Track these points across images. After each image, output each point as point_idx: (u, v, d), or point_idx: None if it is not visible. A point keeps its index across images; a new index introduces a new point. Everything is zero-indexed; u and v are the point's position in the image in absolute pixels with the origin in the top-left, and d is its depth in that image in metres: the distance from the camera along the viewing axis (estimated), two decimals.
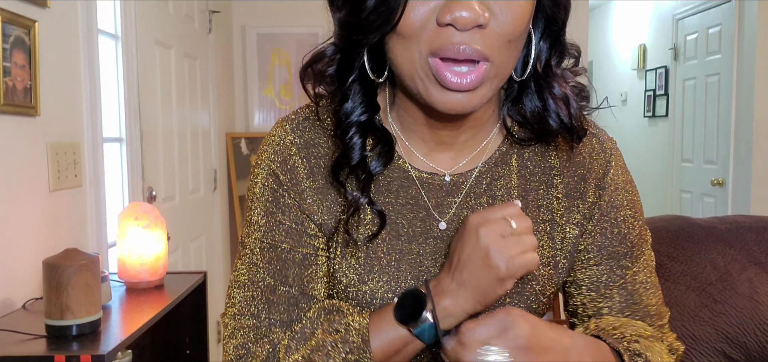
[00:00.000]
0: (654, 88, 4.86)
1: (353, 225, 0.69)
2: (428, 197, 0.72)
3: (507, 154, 0.73)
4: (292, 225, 0.71)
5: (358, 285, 0.71)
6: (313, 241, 0.72)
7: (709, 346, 1.37)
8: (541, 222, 0.73)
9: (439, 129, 0.70)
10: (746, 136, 3.60)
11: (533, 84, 0.69)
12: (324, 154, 0.72)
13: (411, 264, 0.71)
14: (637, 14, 5.22)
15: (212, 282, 3.16)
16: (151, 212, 1.75)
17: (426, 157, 0.72)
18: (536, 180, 0.73)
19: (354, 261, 0.71)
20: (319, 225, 0.72)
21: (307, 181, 0.71)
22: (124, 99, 2.18)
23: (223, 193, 3.40)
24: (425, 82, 0.62)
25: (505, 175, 0.73)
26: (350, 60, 0.67)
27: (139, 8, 2.27)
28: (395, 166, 0.72)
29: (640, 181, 4.04)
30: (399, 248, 0.71)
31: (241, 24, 3.63)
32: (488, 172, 0.73)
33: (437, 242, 0.72)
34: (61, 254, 1.32)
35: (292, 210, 0.71)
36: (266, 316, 0.70)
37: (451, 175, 0.72)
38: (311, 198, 0.71)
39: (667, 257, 1.47)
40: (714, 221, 1.58)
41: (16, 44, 1.49)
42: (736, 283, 1.43)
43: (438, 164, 0.72)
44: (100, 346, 1.24)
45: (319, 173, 0.71)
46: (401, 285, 0.70)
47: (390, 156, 0.70)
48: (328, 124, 0.72)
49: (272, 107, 3.67)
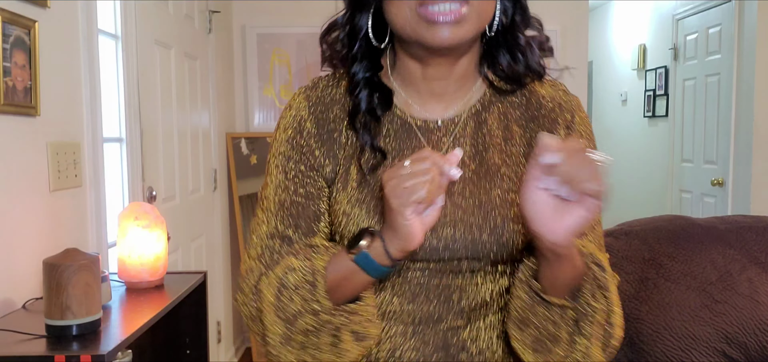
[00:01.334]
0: (654, 88, 4.86)
1: (362, 161, 0.83)
2: (424, 139, 0.85)
3: (489, 104, 0.87)
4: (303, 180, 0.85)
5: (358, 222, 0.81)
6: (321, 194, 0.85)
7: (709, 346, 1.37)
8: (521, 158, 0.85)
9: (431, 81, 0.85)
10: (746, 136, 3.60)
11: (503, 41, 0.85)
12: (332, 112, 0.86)
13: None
14: (637, 14, 5.22)
15: (212, 282, 3.16)
16: (151, 212, 1.75)
17: (421, 107, 0.86)
18: (515, 125, 0.87)
19: (356, 195, 0.82)
20: (326, 178, 0.85)
21: (316, 140, 0.85)
22: (124, 99, 2.18)
23: (223, 193, 3.40)
24: (415, 27, 0.77)
25: (487, 121, 0.86)
26: (357, 27, 0.83)
27: (139, 8, 2.27)
28: (396, 117, 0.86)
29: (640, 180, 4.09)
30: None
31: (241, 24, 3.64)
32: (473, 118, 0.86)
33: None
34: (62, 254, 1.32)
35: (303, 169, 0.85)
36: (278, 257, 0.83)
37: (443, 121, 0.86)
38: (319, 153, 0.85)
39: (668, 257, 1.47)
40: (714, 221, 1.58)
41: (16, 44, 1.49)
42: (736, 283, 1.43)
43: (431, 113, 0.86)
44: (100, 346, 1.24)
45: (324, 130, 0.86)
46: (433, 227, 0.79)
47: (389, 104, 0.85)
48: (344, 86, 0.88)
49: (272, 107, 3.67)
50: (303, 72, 3.66)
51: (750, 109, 3.56)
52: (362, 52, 0.84)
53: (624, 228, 1.58)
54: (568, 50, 3.68)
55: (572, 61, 3.69)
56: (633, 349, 1.39)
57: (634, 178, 5.27)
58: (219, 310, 3.27)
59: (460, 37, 0.77)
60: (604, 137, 5.89)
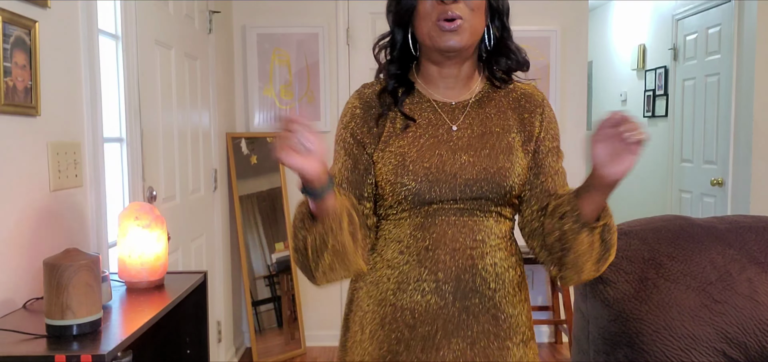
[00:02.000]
0: (653, 88, 4.86)
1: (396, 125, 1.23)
2: (443, 114, 1.24)
3: (487, 94, 1.27)
4: (352, 150, 1.24)
5: (401, 178, 1.18)
6: (363, 159, 1.23)
7: (708, 346, 1.37)
8: (511, 132, 1.23)
9: (446, 79, 1.24)
10: (746, 136, 3.60)
11: (499, 50, 1.25)
12: (373, 106, 1.25)
13: (431, 154, 1.19)
14: (636, 14, 5.22)
15: (212, 281, 3.16)
16: (151, 212, 1.75)
17: (440, 96, 1.26)
18: (507, 109, 1.26)
19: (396, 159, 1.20)
20: (368, 152, 1.24)
21: (362, 123, 1.25)
22: (124, 99, 2.18)
23: (224, 193, 3.40)
24: (433, 36, 1.17)
25: (486, 105, 1.26)
26: (395, 40, 1.24)
27: (139, 8, 2.27)
28: (424, 100, 1.25)
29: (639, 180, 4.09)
30: (422, 145, 1.20)
31: (242, 24, 3.64)
32: (477, 101, 1.26)
33: (451, 137, 1.22)
34: (62, 254, 1.32)
35: (352, 142, 1.25)
36: None
37: (456, 102, 1.25)
38: (363, 133, 1.24)
39: (667, 257, 1.47)
40: (713, 221, 1.58)
41: (16, 44, 1.49)
42: (735, 283, 1.43)
43: (447, 98, 1.25)
44: (101, 346, 1.24)
45: (369, 115, 1.25)
46: (438, 171, 1.18)
47: (410, 90, 1.25)
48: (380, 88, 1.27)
49: (272, 107, 3.68)
50: (303, 72, 3.66)
51: (749, 109, 3.57)
52: (397, 57, 1.25)
53: (624, 228, 1.58)
54: (567, 50, 3.68)
55: (572, 61, 3.70)
56: (633, 349, 1.39)
57: (634, 178, 5.27)
58: (219, 310, 3.27)
59: (461, 43, 1.17)
60: None
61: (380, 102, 1.24)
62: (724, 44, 3.82)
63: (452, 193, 1.17)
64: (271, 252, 3.58)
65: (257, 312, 3.51)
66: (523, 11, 3.68)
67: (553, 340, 3.87)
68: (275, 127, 1.36)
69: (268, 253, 3.57)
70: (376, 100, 1.25)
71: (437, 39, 1.16)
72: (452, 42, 1.15)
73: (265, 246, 3.56)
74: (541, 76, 3.66)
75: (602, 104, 5.92)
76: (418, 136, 1.21)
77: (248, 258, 3.47)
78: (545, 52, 3.65)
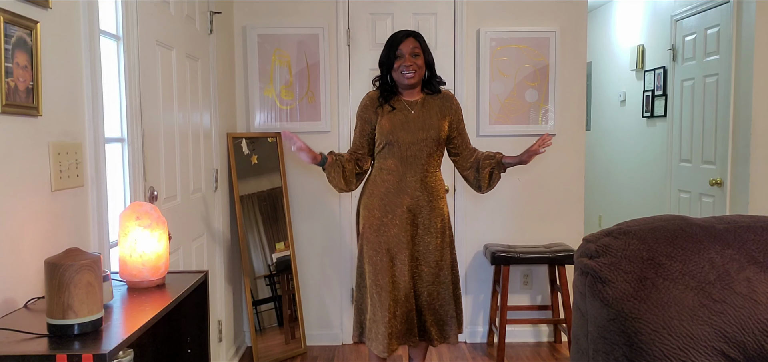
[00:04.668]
0: (652, 88, 4.87)
1: (385, 109, 2.66)
2: (410, 108, 2.66)
3: (427, 99, 2.68)
4: (364, 124, 2.70)
5: (389, 136, 2.60)
6: (368, 129, 2.69)
7: (707, 345, 1.38)
8: (438, 114, 2.66)
9: (409, 94, 2.68)
10: (744, 136, 3.61)
11: (431, 79, 2.71)
12: (375, 101, 2.69)
13: (404, 128, 2.61)
14: (635, 15, 5.23)
15: (213, 281, 3.17)
16: (152, 212, 1.75)
17: (406, 100, 2.67)
18: (435, 106, 2.67)
19: (386, 126, 2.62)
20: (371, 124, 2.68)
21: (368, 110, 2.69)
22: (125, 99, 2.19)
23: (224, 193, 3.40)
24: (400, 79, 2.64)
25: (428, 103, 2.67)
26: (384, 76, 2.69)
27: (140, 9, 2.28)
28: (399, 106, 2.65)
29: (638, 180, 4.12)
30: (401, 122, 2.62)
31: (242, 25, 3.64)
32: (421, 103, 2.67)
33: (410, 117, 2.63)
34: (63, 253, 1.33)
35: (364, 119, 2.69)
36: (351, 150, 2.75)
37: (412, 101, 2.68)
38: (369, 114, 2.68)
39: (666, 256, 1.48)
40: (712, 221, 1.59)
41: (18, 45, 1.50)
42: (734, 283, 1.44)
43: (409, 99, 2.68)
44: (102, 345, 1.25)
45: (372, 106, 2.68)
46: (405, 134, 2.60)
47: (393, 95, 2.67)
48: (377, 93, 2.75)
49: (273, 107, 3.68)
50: (303, 72, 3.67)
51: (748, 109, 3.57)
52: (385, 83, 2.69)
53: (622, 227, 1.58)
54: (566, 51, 3.69)
55: (571, 61, 3.70)
56: (632, 348, 1.40)
57: (633, 178, 5.27)
58: (220, 310, 3.28)
59: (414, 82, 2.63)
60: (603, 137, 5.90)
61: (378, 101, 2.67)
62: (722, 45, 3.83)
63: (414, 142, 2.61)
64: (272, 251, 3.58)
65: (258, 311, 3.51)
66: (523, 12, 3.69)
67: (552, 339, 3.88)
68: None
69: (269, 253, 3.57)
70: (376, 100, 2.68)
71: (402, 79, 2.62)
72: (409, 83, 2.62)
73: (265, 246, 3.56)
74: (541, 76, 3.67)
75: (601, 104, 5.93)
76: (397, 116, 2.63)
77: (249, 258, 3.48)
78: (544, 53, 3.65)
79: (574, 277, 1.57)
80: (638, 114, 5.16)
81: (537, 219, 3.80)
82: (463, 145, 2.70)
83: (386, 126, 2.58)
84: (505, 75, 3.67)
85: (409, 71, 2.56)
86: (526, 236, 3.80)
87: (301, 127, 3.68)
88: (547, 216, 3.80)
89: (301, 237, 3.76)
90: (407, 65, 2.56)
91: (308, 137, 3.63)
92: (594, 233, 1.56)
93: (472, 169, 2.68)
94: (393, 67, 2.59)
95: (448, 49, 3.69)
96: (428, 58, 2.63)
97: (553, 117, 3.69)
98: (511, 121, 3.70)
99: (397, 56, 2.58)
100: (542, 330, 3.89)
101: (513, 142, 3.59)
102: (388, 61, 2.60)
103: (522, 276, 3.86)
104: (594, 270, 1.48)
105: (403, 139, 2.57)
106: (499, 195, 3.75)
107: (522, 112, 3.70)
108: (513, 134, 3.69)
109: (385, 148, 2.61)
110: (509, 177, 3.59)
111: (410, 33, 2.64)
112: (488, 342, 3.83)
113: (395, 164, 2.60)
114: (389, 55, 2.60)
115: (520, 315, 3.81)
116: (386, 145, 2.60)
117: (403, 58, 2.56)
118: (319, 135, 3.66)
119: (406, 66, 2.56)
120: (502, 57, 3.66)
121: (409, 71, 2.56)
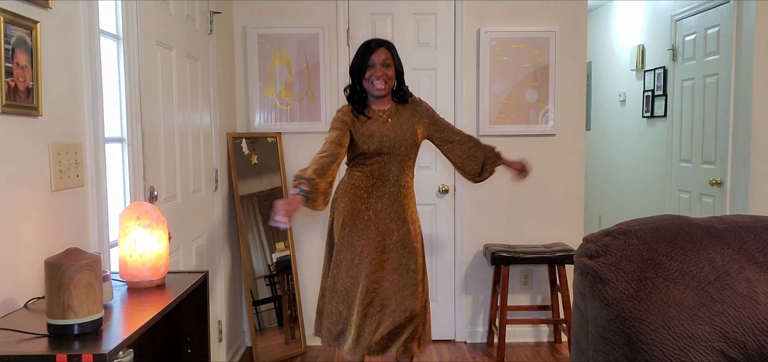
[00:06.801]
0: (652, 88, 4.87)
1: (361, 119, 2.66)
2: (386, 117, 2.68)
3: (397, 108, 2.72)
4: (339, 128, 2.61)
5: (369, 143, 2.61)
6: (344, 134, 2.60)
7: (707, 345, 1.38)
8: (411, 123, 2.69)
9: (379, 103, 2.70)
10: (744, 136, 3.61)
11: (400, 88, 2.73)
12: (351, 113, 2.67)
13: (382, 135, 2.63)
14: (635, 15, 5.23)
15: (213, 281, 3.17)
16: (152, 212, 1.75)
17: (378, 109, 2.70)
18: (406, 113, 2.72)
19: (365, 133, 2.62)
20: (348, 129, 2.62)
21: (350, 122, 2.64)
22: (125, 99, 2.19)
23: (224, 193, 3.40)
24: (370, 89, 2.66)
25: (400, 111, 2.71)
26: (354, 84, 2.71)
27: (140, 9, 2.28)
28: (374, 115, 2.68)
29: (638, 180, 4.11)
30: (376, 130, 2.63)
31: (242, 24, 3.64)
32: (393, 111, 2.71)
33: (385, 125, 2.66)
34: (63, 253, 1.33)
35: (344, 122, 2.63)
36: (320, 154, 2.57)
37: (383, 111, 2.70)
38: (349, 118, 2.64)
39: (666, 256, 1.48)
40: (712, 221, 1.59)
41: (18, 45, 1.50)
42: (734, 282, 1.44)
43: (381, 108, 2.70)
44: (102, 345, 1.25)
45: (349, 117, 2.65)
46: (384, 141, 2.63)
47: (364, 106, 2.69)
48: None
49: (273, 107, 3.68)
50: (303, 72, 3.67)
51: (748, 109, 3.57)
52: (354, 92, 2.70)
53: (622, 227, 1.58)
54: (566, 51, 3.69)
55: (571, 61, 3.70)
56: (632, 348, 1.40)
57: (633, 178, 5.27)
58: (220, 310, 3.28)
59: (384, 93, 2.66)
60: (603, 137, 5.90)
61: (352, 113, 2.68)
62: (722, 45, 3.83)
63: (389, 149, 2.64)
64: (272, 251, 3.58)
65: (258, 311, 3.51)
66: (523, 12, 3.69)
67: (552, 339, 3.88)
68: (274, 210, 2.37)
69: (269, 253, 3.57)
70: (350, 112, 2.68)
71: (372, 90, 2.65)
72: (380, 93, 2.65)
73: (265, 246, 3.56)
74: (541, 76, 3.67)
75: (601, 104, 5.93)
76: (374, 124, 2.65)
77: (249, 258, 3.48)
78: (544, 53, 3.65)
79: (574, 277, 1.58)
80: (638, 114, 5.16)
81: (537, 219, 3.80)
82: (449, 130, 2.76)
83: (365, 133, 2.60)
84: (505, 75, 3.67)
85: (379, 82, 2.59)
86: (526, 236, 3.80)
87: (301, 126, 3.68)
88: (547, 216, 3.80)
89: (300, 237, 3.76)
90: (378, 75, 2.59)
91: (308, 137, 3.64)
92: (594, 233, 1.56)
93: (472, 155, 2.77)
94: (364, 76, 2.62)
95: (448, 49, 3.69)
96: (399, 67, 2.67)
97: (553, 117, 3.69)
98: (511, 121, 3.70)
99: (369, 66, 2.60)
100: (542, 330, 3.89)
101: (513, 142, 3.59)
102: (360, 70, 2.62)
103: (522, 276, 3.86)
104: (594, 270, 1.48)
105: (383, 146, 2.60)
106: (499, 195, 3.75)
107: (522, 112, 3.70)
108: (513, 134, 3.69)
109: (362, 155, 2.63)
110: (509, 177, 3.59)
111: (382, 42, 2.66)
112: (488, 342, 3.83)
113: (371, 170, 2.63)
114: (361, 65, 2.62)
115: (520, 315, 3.81)
116: (363, 153, 2.62)
117: (375, 68, 2.59)
118: (319, 135, 3.65)
119: (377, 76, 2.59)
120: (502, 57, 3.66)
121: (379, 82, 2.59)
